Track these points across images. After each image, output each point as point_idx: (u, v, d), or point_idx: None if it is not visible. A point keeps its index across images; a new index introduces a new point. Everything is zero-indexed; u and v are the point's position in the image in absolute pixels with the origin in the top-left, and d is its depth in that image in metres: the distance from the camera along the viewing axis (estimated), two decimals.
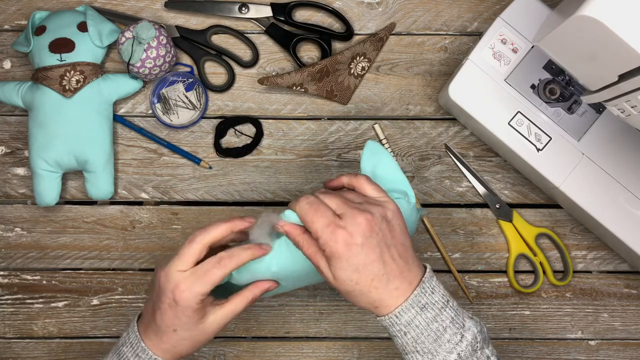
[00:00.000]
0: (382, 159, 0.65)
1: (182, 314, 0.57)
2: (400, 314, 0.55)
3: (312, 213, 0.55)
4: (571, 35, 0.54)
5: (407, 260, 0.56)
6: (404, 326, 0.55)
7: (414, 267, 0.56)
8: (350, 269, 0.54)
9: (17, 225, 0.81)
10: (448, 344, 0.54)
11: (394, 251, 0.55)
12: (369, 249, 0.54)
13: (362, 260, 0.54)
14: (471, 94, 0.74)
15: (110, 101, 0.79)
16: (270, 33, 0.81)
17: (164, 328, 0.58)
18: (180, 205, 0.82)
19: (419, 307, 0.55)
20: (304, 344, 0.81)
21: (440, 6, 0.82)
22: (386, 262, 0.54)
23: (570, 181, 0.73)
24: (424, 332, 0.55)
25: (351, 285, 0.55)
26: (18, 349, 0.80)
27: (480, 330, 0.56)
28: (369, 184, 0.59)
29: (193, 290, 0.57)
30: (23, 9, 0.82)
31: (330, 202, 0.56)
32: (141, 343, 0.59)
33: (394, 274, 0.55)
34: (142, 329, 0.60)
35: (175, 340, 0.59)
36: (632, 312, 0.81)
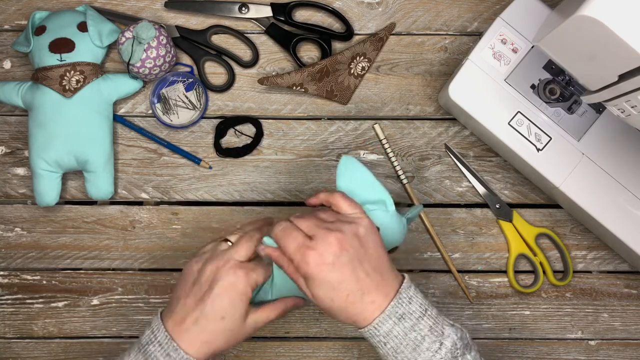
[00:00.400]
0: (356, 172, 0.65)
1: (237, 299, 0.59)
2: (379, 325, 0.56)
3: (285, 237, 0.57)
4: (571, 35, 0.54)
5: (382, 274, 0.57)
6: (383, 337, 0.57)
7: (390, 279, 0.58)
8: (325, 287, 0.56)
9: (17, 225, 0.81)
10: (427, 352, 0.56)
11: (367, 266, 0.57)
12: (340, 266, 0.56)
13: (336, 278, 0.56)
14: (471, 94, 0.74)
15: (110, 101, 0.79)
16: (270, 33, 0.81)
17: (212, 315, 0.59)
18: (180, 205, 0.82)
19: (397, 318, 0.56)
20: (304, 344, 0.81)
21: (440, 6, 0.82)
22: (359, 278, 0.56)
23: (570, 181, 0.73)
24: (403, 341, 0.56)
25: (328, 302, 0.57)
26: (18, 349, 0.80)
27: (460, 337, 0.57)
28: (344, 201, 0.60)
29: (251, 278, 0.59)
30: (23, 9, 0.82)
31: (302, 225, 0.58)
32: (172, 342, 0.59)
33: (369, 288, 0.56)
34: (171, 326, 0.60)
35: (219, 330, 0.59)
36: (632, 312, 0.81)
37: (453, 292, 0.81)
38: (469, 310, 0.81)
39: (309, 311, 0.81)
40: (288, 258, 0.58)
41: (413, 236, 0.81)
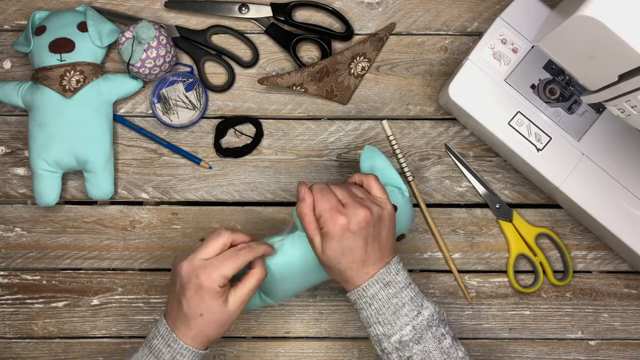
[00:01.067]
0: (378, 160, 0.73)
1: (207, 296, 0.63)
2: (367, 288, 0.63)
3: (322, 197, 0.63)
4: (571, 35, 0.54)
5: (382, 251, 0.64)
6: (369, 298, 0.63)
7: (387, 257, 0.65)
8: (338, 249, 0.63)
9: (17, 225, 0.81)
10: (405, 317, 0.62)
11: (377, 244, 0.64)
12: (359, 237, 0.62)
13: (350, 245, 0.62)
14: (471, 94, 0.74)
15: (110, 101, 0.79)
16: (270, 33, 0.81)
17: (191, 314, 0.63)
18: (180, 205, 0.82)
19: (383, 284, 0.63)
20: (304, 344, 0.81)
21: (440, 6, 0.82)
22: (367, 251, 0.63)
23: (570, 181, 0.73)
24: (385, 304, 0.63)
25: (334, 262, 0.63)
26: (18, 349, 0.80)
27: (437, 312, 0.64)
28: (376, 184, 0.66)
29: (215, 274, 0.63)
30: (23, 9, 0.82)
31: (338, 192, 0.64)
32: (172, 334, 0.64)
33: (370, 262, 0.64)
34: (170, 323, 0.65)
35: (202, 325, 0.64)
36: (632, 312, 0.81)
37: (453, 292, 0.81)
38: (469, 310, 0.81)
39: (309, 311, 0.81)
40: (317, 214, 0.63)
41: (413, 236, 0.81)
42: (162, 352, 0.65)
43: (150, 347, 0.65)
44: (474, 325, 0.81)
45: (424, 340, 0.62)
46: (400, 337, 0.62)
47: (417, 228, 0.81)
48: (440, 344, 0.62)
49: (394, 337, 0.62)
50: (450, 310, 0.81)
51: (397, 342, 0.62)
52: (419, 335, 0.62)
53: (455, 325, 0.81)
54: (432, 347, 0.62)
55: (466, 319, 0.81)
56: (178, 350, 0.64)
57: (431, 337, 0.62)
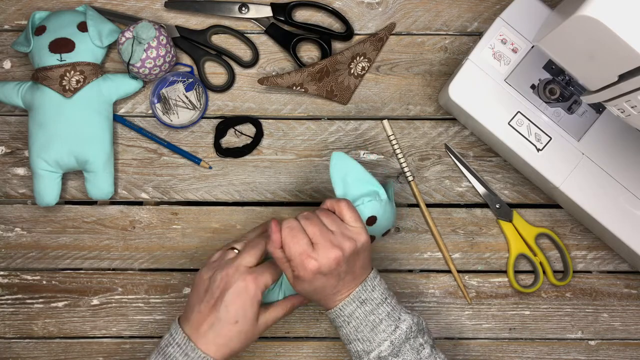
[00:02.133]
0: (349, 166, 0.69)
1: (249, 303, 0.64)
2: (344, 307, 0.64)
3: (290, 238, 0.62)
4: (571, 35, 0.54)
5: (357, 277, 0.65)
6: (347, 317, 0.64)
7: (361, 277, 0.65)
8: (310, 288, 0.63)
9: (17, 225, 0.81)
10: (383, 334, 0.63)
11: (350, 277, 0.64)
12: (330, 277, 0.62)
13: (322, 284, 0.63)
14: (471, 94, 0.74)
15: (110, 101, 0.79)
16: (270, 33, 0.81)
17: (226, 320, 0.63)
18: (180, 205, 0.82)
19: (359, 302, 0.64)
20: (304, 344, 0.81)
21: (440, 6, 0.82)
22: (339, 285, 0.64)
23: (570, 181, 0.73)
24: (363, 322, 0.64)
25: (308, 295, 0.65)
26: (18, 349, 0.80)
27: (416, 322, 0.65)
28: (349, 211, 0.64)
29: (261, 282, 0.64)
30: (23, 9, 0.82)
31: (309, 229, 0.62)
32: (190, 342, 0.63)
33: (342, 291, 0.64)
34: (188, 331, 0.64)
35: (233, 333, 0.64)
36: (632, 312, 0.81)
37: (453, 292, 0.81)
38: (469, 310, 0.81)
39: (309, 311, 0.81)
40: (287, 257, 0.62)
41: (413, 236, 0.81)
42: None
43: (165, 354, 0.64)
44: (474, 325, 0.81)
45: (402, 353, 0.63)
46: (379, 353, 0.63)
47: (417, 228, 0.81)
48: (419, 355, 0.64)
49: (372, 354, 0.63)
50: (450, 310, 0.81)
51: (376, 358, 0.63)
52: (397, 350, 0.63)
53: (455, 325, 0.81)
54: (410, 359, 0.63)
55: (466, 319, 0.81)
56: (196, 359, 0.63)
57: (409, 349, 0.63)
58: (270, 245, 0.63)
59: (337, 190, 0.69)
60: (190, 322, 0.64)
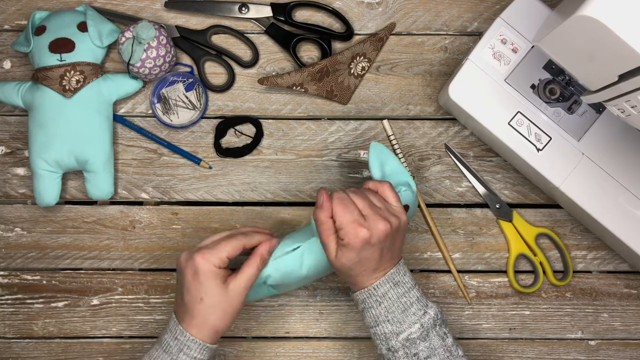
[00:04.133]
0: (386, 157, 0.73)
1: (203, 278, 0.64)
2: (377, 287, 0.66)
3: (342, 207, 0.64)
4: (571, 35, 0.54)
5: (392, 257, 0.67)
6: (380, 297, 0.66)
7: (397, 258, 0.68)
8: (355, 259, 0.64)
9: (17, 225, 0.81)
10: (413, 316, 0.65)
11: (390, 253, 0.66)
12: (376, 249, 0.64)
13: (367, 255, 0.64)
14: (471, 94, 0.74)
15: (110, 101, 0.79)
16: (270, 33, 0.81)
17: (192, 301, 0.65)
18: (180, 205, 0.82)
19: (393, 283, 0.66)
20: (304, 344, 0.81)
21: (440, 6, 0.82)
22: (381, 260, 0.65)
23: (570, 181, 0.73)
24: (395, 303, 0.65)
25: (347, 269, 0.65)
26: (18, 349, 0.80)
27: (439, 311, 0.67)
28: (392, 193, 0.68)
29: (209, 256, 0.65)
30: (23, 9, 0.82)
31: (358, 202, 0.65)
32: (179, 326, 0.65)
33: (381, 268, 0.66)
34: (178, 316, 0.66)
35: (204, 310, 0.65)
36: (632, 312, 0.81)
37: (453, 292, 0.81)
38: (469, 310, 0.81)
39: (309, 311, 0.81)
40: (337, 225, 0.64)
41: (413, 236, 0.81)
42: (171, 345, 0.65)
43: (161, 341, 0.66)
44: (474, 325, 0.81)
45: (430, 337, 0.65)
46: (408, 335, 0.64)
47: (417, 228, 0.81)
48: (443, 342, 0.65)
49: (402, 335, 0.64)
50: (450, 310, 0.81)
51: (405, 340, 0.64)
52: (425, 333, 0.65)
53: (455, 325, 0.81)
54: (437, 345, 0.65)
55: (466, 319, 0.81)
56: (185, 342, 0.65)
57: (436, 335, 0.65)
58: (320, 213, 0.65)
59: (375, 178, 0.72)
60: (177, 312, 0.67)
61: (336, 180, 0.81)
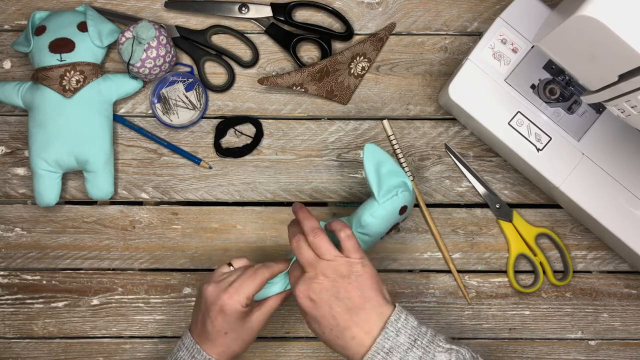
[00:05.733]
0: (382, 158, 0.71)
1: (230, 317, 0.65)
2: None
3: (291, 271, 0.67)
4: (571, 35, 0.54)
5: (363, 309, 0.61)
6: None
7: (373, 316, 0.60)
8: (312, 321, 0.63)
9: (17, 225, 0.81)
10: None
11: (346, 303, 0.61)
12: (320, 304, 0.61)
13: (317, 313, 0.62)
14: (471, 94, 0.74)
15: (110, 101, 0.79)
16: (270, 33, 0.81)
17: (215, 333, 0.66)
18: (180, 205, 0.82)
19: (384, 353, 0.58)
20: (304, 344, 0.81)
21: (440, 6, 0.82)
22: (335, 316, 0.61)
23: (570, 181, 0.73)
24: None
25: (319, 334, 0.63)
26: (18, 349, 0.80)
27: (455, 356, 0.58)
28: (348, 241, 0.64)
29: (237, 297, 0.65)
30: (23, 9, 0.82)
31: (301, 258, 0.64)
32: (196, 345, 0.66)
33: (348, 325, 0.60)
34: (195, 337, 0.67)
35: (228, 342, 0.66)
36: (632, 312, 0.81)
37: (453, 292, 0.81)
38: (468, 310, 0.81)
39: None
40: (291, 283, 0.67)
41: (413, 236, 0.81)
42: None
43: (177, 358, 0.67)
44: (474, 325, 0.81)
45: None
46: None
47: (417, 228, 0.81)
48: None
49: None
50: (450, 310, 0.81)
51: None
52: None
53: (455, 325, 0.81)
54: None
55: (466, 319, 0.81)
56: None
57: None
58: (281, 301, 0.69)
59: (371, 181, 0.70)
60: (193, 330, 0.68)
61: (336, 180, 0.81)
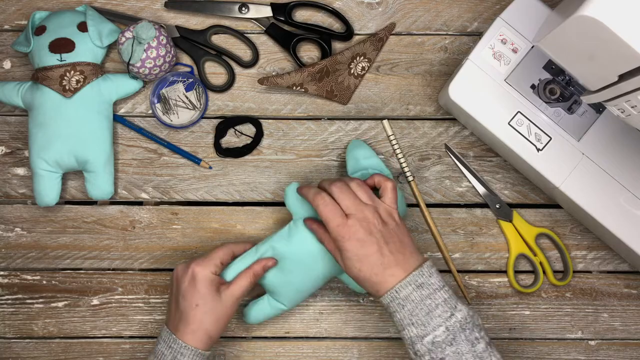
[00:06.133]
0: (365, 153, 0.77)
1: (200, 285, 0.68)
2: (400, 290, 0.64)
3: (326, 212, 0.66)
4: (571, 35, 0.54)
5: (403, 254, 0.66)
6: (402, 300, 0.64)
7: (412, 259, 0.66)
8: (354, 258, 0.65)
9: (17, 225, 0.81)
10: (438, 318, 0.63)
11: (392, 247, 0.66)
12: (371, 244, 0.65)
13: (365, 252, 0.65)
14: (471, 94, 0.74)
15: (110, 101, 0.79)
16: (270, 33, 0.81)
17: (187, 307, 0.68)
18: (180, 205, 0.82)
19: (416, 285, 0.64)
20: (304, 344, 0.81)
21: (440, 6, 0.82)
22: (383, 255, 0.65)
23: (570, 181, 0.73)
24: (419, 305, 0.64)
25: (356, 272, 0.66)
26: (18, 349, 0.80)
27: (471, 315, 0.64)
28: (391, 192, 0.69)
29: (206, 264, 0.70)
30: (23, 9, 0.82)
31: (342, 202, 0.67)
32: (172, 335, 0.68)
33: (390, 264, 0.65)
34: (171, 327, 0.69)
35: (200, 315, 0.68)
36: (632, 312, 0.81)
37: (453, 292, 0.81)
38: None
39: (309, 311, 0.81)
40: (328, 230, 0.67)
41: (413, 236, 0.81)
42: (165, 354, 0.67)
43: (155, 352, 0.69)
44: None
45: (457, 342, 0.62)
46: (433, 338, 0.62)
47: (417, 228, 0.81)
48: (473, 347, 0.62)
49: (427, 338, 0.62)
50: None
51: (430, 344, 0.62)
52: (452, 337, 0.62)
53: None
54: (465, 350, 0.62)
55: None
56: (178, 349, 0.67)
57: (464, 340, 0.62)
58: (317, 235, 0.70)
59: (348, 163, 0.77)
60: (169, 321, 0.70)
61: None
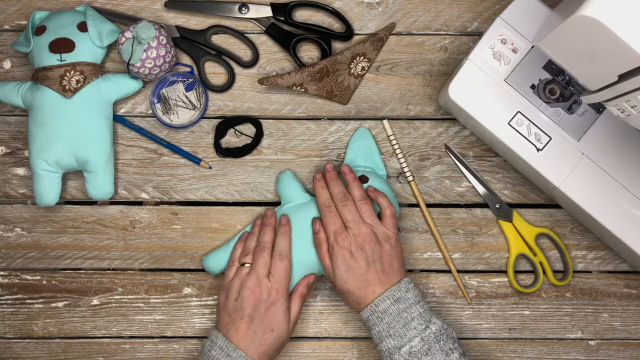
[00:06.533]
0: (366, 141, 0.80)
1: (280, 308, 0.71)
2: (378, 303, 0.69)
3: (328, 219, 0.72)
4: (571, 35, 0.54)
5: (388, 275, 0.71)
6: (381, 313, 0.69)
7: (393, 278, 0.71)
8: (342, 267, 0.71)
9: (17, 225, 0.81)
10: (414, 330, 0.68)
11: (379, 266, 0.71)
12: (359, 258, 0.70)
13: (352, 264, 0.70)
14: (471, 94, 0.74)
15: (110, 101, 0.79)
16: (270, 33, 0.81)
17: (263, 331, 0.70)
18: (180, 205, 0.82)
19: (394, 299, 0.69)
20: (304, 344, 0.81)
21: (440, 6, 0.82)
22: (369, 271, 0.70)
23: (570, 181, 0.73)
24: (396, 318, 0.69)
25: (342, 283, 0.71)
26: (18, 349, 0.80)
27: (445, 328, 0.69)
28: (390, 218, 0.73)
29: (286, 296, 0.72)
30: (23, 9, 0.82)
31: (345, 214, 0.72)
32: (231, 344, 0.69)
33: (374, 282, 0.70)
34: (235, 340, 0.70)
35: (272, 340, 0.70)
36: (632, 312, 0.81)
37: (453, 292, 0.81)
38: (468, 310, 0.81)
39: (309, 311, 0.81)
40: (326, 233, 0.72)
41: (413, 236, 0.81)
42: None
43: (209, 357, 0.69)
44: (474, 325, 0.81)
45: (432, 352, 0.67)
46: (410, 349, 0.67)
47: (417, 228, 0.81)
48: (447, 357, 0.67)
49: (404, 349, 0.67)
50: (450, 310, 0.81)
51: (407, 354, 0.67)
52: (427, 347, 0.67)
53: (455, 325, 0.81)
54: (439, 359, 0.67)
55: (466, 319, 0.81)
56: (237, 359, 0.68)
57: (439, 350, 0.67)
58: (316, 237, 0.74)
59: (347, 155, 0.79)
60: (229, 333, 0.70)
61: None
